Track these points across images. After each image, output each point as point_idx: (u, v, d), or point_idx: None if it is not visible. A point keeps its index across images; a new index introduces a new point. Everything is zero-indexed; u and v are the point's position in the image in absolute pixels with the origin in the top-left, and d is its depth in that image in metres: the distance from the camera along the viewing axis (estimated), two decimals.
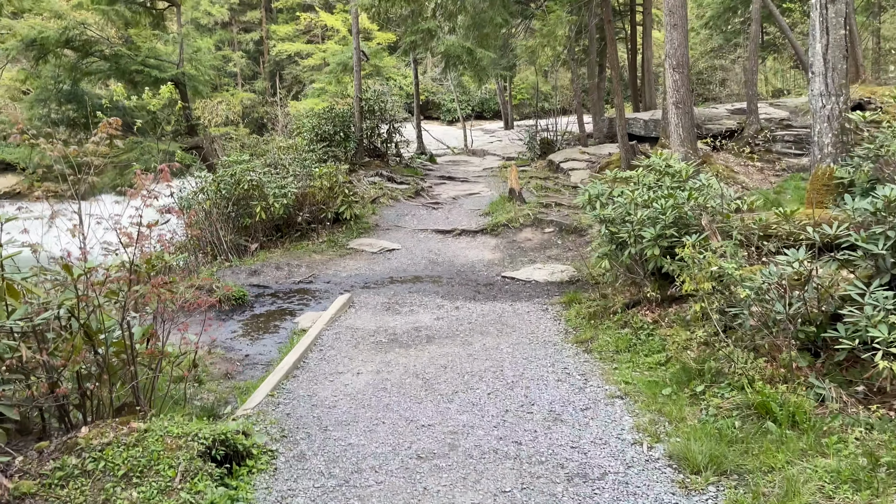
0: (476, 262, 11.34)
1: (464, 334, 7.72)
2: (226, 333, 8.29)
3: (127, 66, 14.33)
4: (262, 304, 9.51)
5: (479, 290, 9.72)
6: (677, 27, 9.21)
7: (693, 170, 8.24)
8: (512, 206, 13.70)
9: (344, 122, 16.97)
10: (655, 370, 6.19)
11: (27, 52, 14.58)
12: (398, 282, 10.32)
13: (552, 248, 11.77)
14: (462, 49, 13.20)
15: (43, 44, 13.53)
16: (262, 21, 46.92)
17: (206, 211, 11.79)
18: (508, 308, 8.72)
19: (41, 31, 13.28)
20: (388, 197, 15.16)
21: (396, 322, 8.24)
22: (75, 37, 13.57)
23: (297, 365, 6.82)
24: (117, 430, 4.08)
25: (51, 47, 13.67)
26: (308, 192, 12.91)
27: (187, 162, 13.07)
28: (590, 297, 8.56)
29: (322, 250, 12.07)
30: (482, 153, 22.89)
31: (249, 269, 10.96)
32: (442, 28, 13.03)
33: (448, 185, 16.90)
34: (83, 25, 13.71)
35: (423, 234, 13.04)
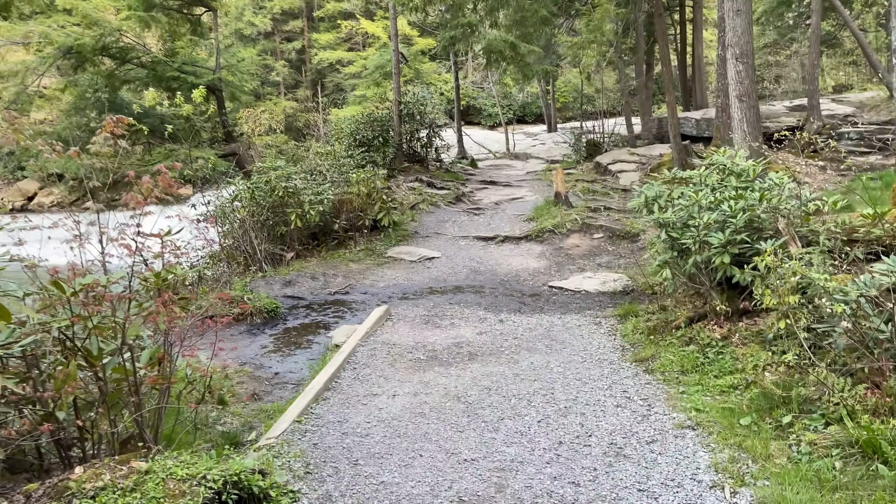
0: (520, 270, 10.67)
1: (509, 351, 7.07)
2: (255, 349, 7.81)
3: (164, 73, 14.13)
4: (295, 316, 9.02)
5: (524, 302, 9.06)
6: (741, 13, 8.42)
7: (762, 168, 7.45)
8: (558, 210, 12.99)
9: (383, 126, 16.51)
10: (729, 395, 5.44)
11: (65, 60, 14.50)
12: (438, 292, 9.72)
13: (602, 256, 11.03)
14: (504, 44, 12.54)
15: (80, 51, 13.41)
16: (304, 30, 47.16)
17: (241, 219, 11.40)
18: (557, 321, 8.03)
19: (77, 38, 13.16)
20: (427, 203, 14.61)
21: (436, 337, 7.64)
22: (111, 44, 13.42)
23: (328, 385, 6.26)
24: (115, 471, 3.56)
25: (88, 55, 13.53)
26: (345, 199, 12.44)
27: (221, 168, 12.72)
28: (647, 309, 7.82)
29: (359, 259, 11.55)
30: (525, 156, 22.20)
31: (284, 279, 10.50)
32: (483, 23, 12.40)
33: (490, 190, 16.27)
34: (119, 32, 13.55)
35: (465, 242, 12.43)
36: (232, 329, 8.44)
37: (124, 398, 4.34)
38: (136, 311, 4.23)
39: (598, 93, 36.58)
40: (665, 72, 14.35)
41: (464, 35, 12.74)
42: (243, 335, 8.30)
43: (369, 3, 45.48)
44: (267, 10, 44.21)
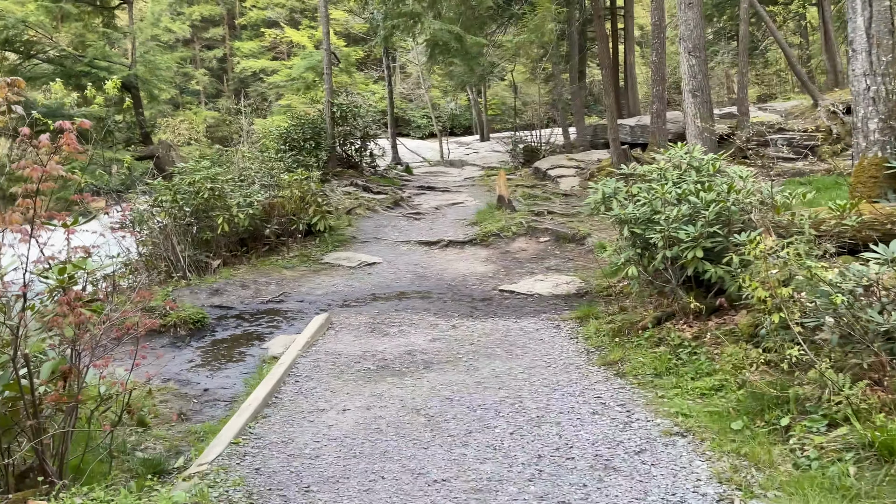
0: (468, 274, 10.15)
1: (467, 358, 6.50)
2: (180, 363, 6.95)
3: (73, 69, 12.95)
4: (225, 327, 8.18)
5: (475, 307, 8.52)
6: (692, 6, 8.22)
7: (720, 161, 7.21)
8: (502, 214, 12.57)
9: (315, 128, 15.73)
10: (711, 397, 5.04)
11: None
12: (382, 299, 9.07)
13: (550, 259, 10.64)
14: (450, 35, 12.03)
15: None
16: (226, 38, 45.63)
17: (162, 224, 10.42)
18: (514, 325, 7.53)
19: None
20: (364, 207, 13.93)
21: (385, 345, 6.99)
22: (15, 37, 12.18)
23: (267, 401, 5.52)
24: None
25: None
26: (277, 202, 11.62)
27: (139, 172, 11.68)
28: (607, 311, 7.43)
29: (294, 266, 10.76)
30: (460, 164, 21.81)
31: (211, 287, 9.60)
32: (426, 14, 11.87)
33: (429, 195, 15.73)
34: (24, 24, 12.31)
35: (406, 247, 11.83)
36: (153, 342, 7.52)
37: (20, 422, 3.53)
38: (34, 315, 3.44)
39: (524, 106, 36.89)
40: (604, 75, 14.23)
41: (406, 25, 12.16)
42: (166, 348, 7.41)
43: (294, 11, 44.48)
44: (186, 17, 42.51)
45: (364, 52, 41.36)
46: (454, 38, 12.12)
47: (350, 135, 16.19)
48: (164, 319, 7.86)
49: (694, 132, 8.61)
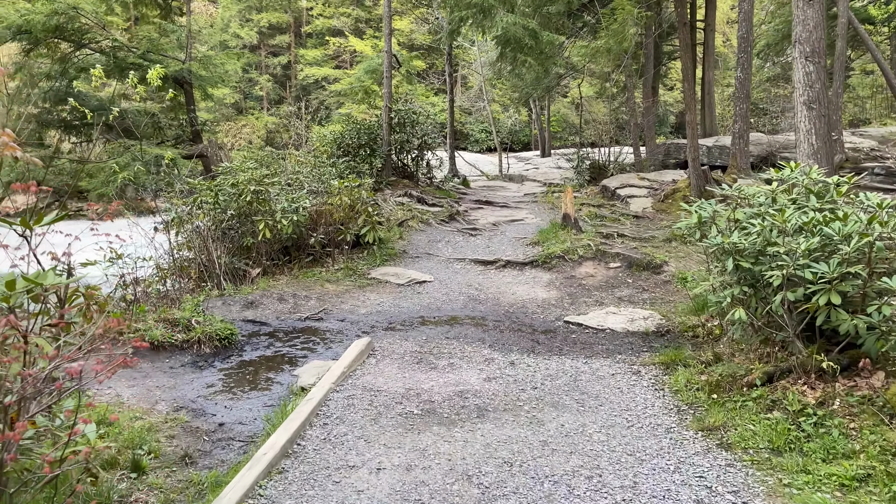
0: (527, 301, 9.05)
1: (529, 406, 5.41)
2: (199, 388, 6.05)
3: (125, 60, 12.47)
4: (255, 346, 7.28)
5: (537, 340, 7.42)
6: (812, 3, 6.98)
7: (847, 186, 5.97)
8: (567, 235, 11.44)
9: (370, 134, 14.92)
10: (855, 491, 3.83)
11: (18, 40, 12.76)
12: (431, 323, 8.06)
13: (622, 288, 9.46)
14: (524, 31, 10.96)
15: (30, 30, 11.72)
16: (291, 45, 46.02)
17: (199, 226, 9.67)
18: (583, 367, 6.40)
19: (24, 14, 11.48)
20: (417, 220, 12.99)
21: (433, 382, 5.95)
22: (65, 24, 11.76)
23: (287, 450, 4.54)
24: None
25: (39, 35, 11.85)
26: (324, 210, 10.77)
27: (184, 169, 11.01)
28: (698, 357, 6.23)
29: (337, 279, 9.86)
30: (520, 179, 20.74)
31: (245, 299, 8.76)
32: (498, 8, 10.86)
33: (486, 210, 14.70)
34: (76, 10, 11.88)
35: (460, 265, 10.80)
36: (172, 359, 6.70)
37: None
38: None
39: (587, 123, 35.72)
40: (686, 88, 12.99)
41: (475, 19, 11.16)
42: (186, 368, 6.55)
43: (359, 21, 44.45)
44: (254, 23, 42.94)
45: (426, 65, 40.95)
46: (528, 34, 11.03)
47: (407, 143, 15.32)
48: (188, 334, 7.04)
49: (807, 151, 7.31)
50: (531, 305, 8.85)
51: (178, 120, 14.41)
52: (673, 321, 7.69)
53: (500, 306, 8.84)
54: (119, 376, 6.21)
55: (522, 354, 6.84)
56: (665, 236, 11.54)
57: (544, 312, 8.55)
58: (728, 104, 28.00)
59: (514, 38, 11.03)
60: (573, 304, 8.89)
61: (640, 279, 9.75)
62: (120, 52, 12.60)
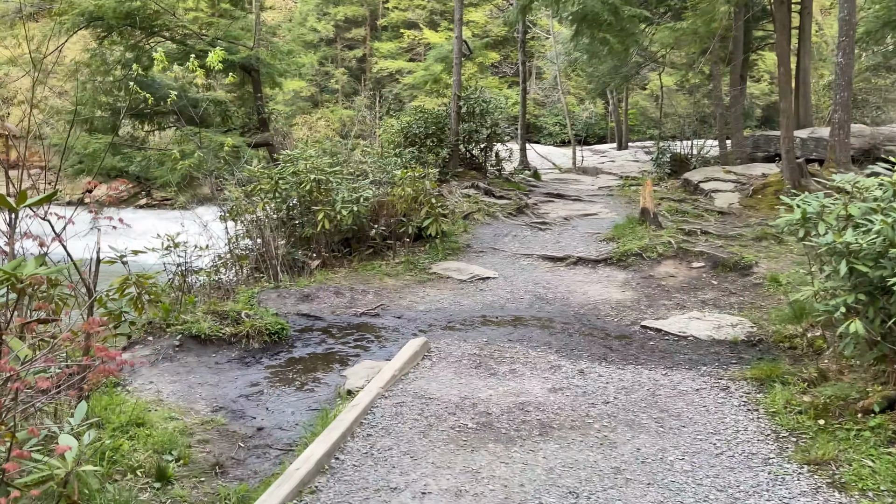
0: (600, 302, 8.34)
1: (600, 424, 4.76)
2: (242, 386, 5.68)
3: (195, 48, 12.40)
4: (306, 342, 6.88)
5: (610, 346, 6.72)
6: None
7: None
8: (645, 231, 10.61)
9: (438, 123, 14.42)
10: None
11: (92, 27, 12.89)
12: (494, 323, 7.47)
13: (706, 290, 8.61)
14: (603, 6, 10.17)
15: (102, 17, 11.78)
16: (367, 38, 46.24)
17: (258, 216, 9.39)
18: (663, 380, 5.68)
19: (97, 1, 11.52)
20: (484, 213, 12.40)
21: (491, 391, 5.37)
22: (136, 10, 11.76)
23: (323, 465, 4.06)
24: None
25: (111, 21, 11.90)
26: (387, 201, 10.33)
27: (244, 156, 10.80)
28: (798, 373, 5.41)
29: (397, 273, 9.39)
30: (594, 171, 19.84)
31: (301, 292, 8.40)
32: None
33: (557, 204, 13.97)
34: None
35: (527, 261, 10.16)
36: (219, 354, 6.36)
37: None
38: None
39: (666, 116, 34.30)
40: (781, 74, 11.89)
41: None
42: (232, 364, 6.20)
43: (434, 13, 44.14)
44: (330, 17, 43.30)
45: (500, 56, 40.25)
46: (608, 9, 10.21)
47: (475, 132, 14.74)
48: (237, 328, 6.69)
49: None
50: (604, 307, 8.14)
51: (245, 108, 14.34)
52: (766, 329, 6.85)
53: (570, 307, 8.16)
54: (163, 371, 5.92)
55: (593, 362, 6.18)
56: (755, 234, 10.55)
57: (619, 315, 7.83)
58: (823, 94, 26.11)
59: (592, 14, 10.21)
60: (651, 306, 8.12)
61: (727, 281, 8.86)
62: (189, 40, 12.56)
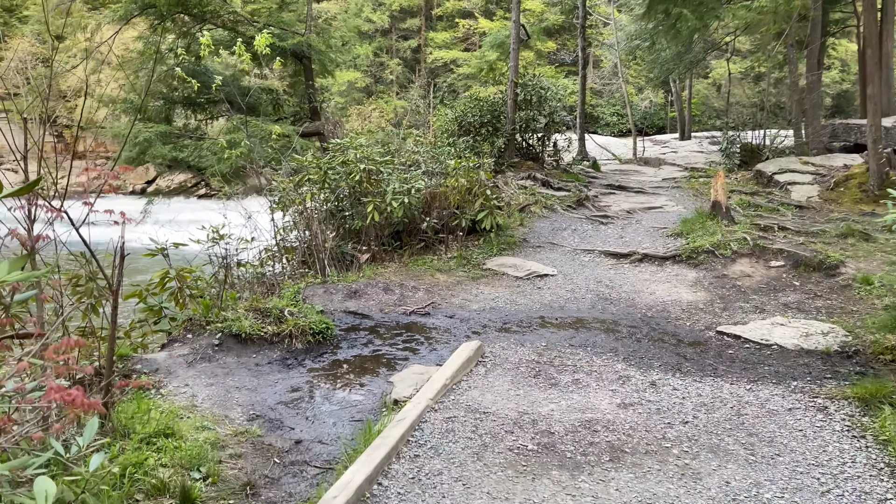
0: (669, 303, 7.66)
1: (679, 449, 4.16)
2: (281, 391, 5.27)
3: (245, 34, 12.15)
4: (352, 342, 6.45)
5: (684, 354, 6.08)
6: None
7: None
8: (716, 226, 9.83)
9: (493, 112, 13.84)
10: None
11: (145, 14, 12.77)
12: (553, 325, 6.90)
13: (787, 291, 7.83)
14: None
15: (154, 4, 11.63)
16: (421, 28, 45.97)
17: (305, 208, 9.02)
18: (748, 395, 5.03)
19: None
20: (541, 205, 11.79)
21: (552, 405, 4.83)
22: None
23: (364, 492, 3.59)
24: None
25: (163, 8, 11.74)
26: (439, 192, 9.84)
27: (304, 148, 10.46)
28: None
29: (449, 269, 8.90)
30: (657, 162, 18.92)
31: (349, 287, 7.98)
32: None
33: (619, 196, 13.23)
34: None
35: (588, 257, 9.53)
36: (260, 355, 5.99)
37: None
38: None
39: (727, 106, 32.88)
40: (869, 56, 10.87)
41: None
42: (273, 366, 5.81)
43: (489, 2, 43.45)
44: (386, 7, 43.12)
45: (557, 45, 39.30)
46: None
47: (532, 121, 14.09)
48: (279, 327, 6.31)
49: None
50: (674, 309, 7.47)
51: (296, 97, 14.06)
52: (862, 339, 6.09)
53: (636, 308, 7.52)
54: (200, 372, 5.57)
55: (666, 373, 5.55)
56: (839, 231, 9.66)
57: (691, 319, 7.15)
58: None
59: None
60: (726, 309, 7.41)
61: (810, 282, 8.06)
62: (240, 26, 12.32)
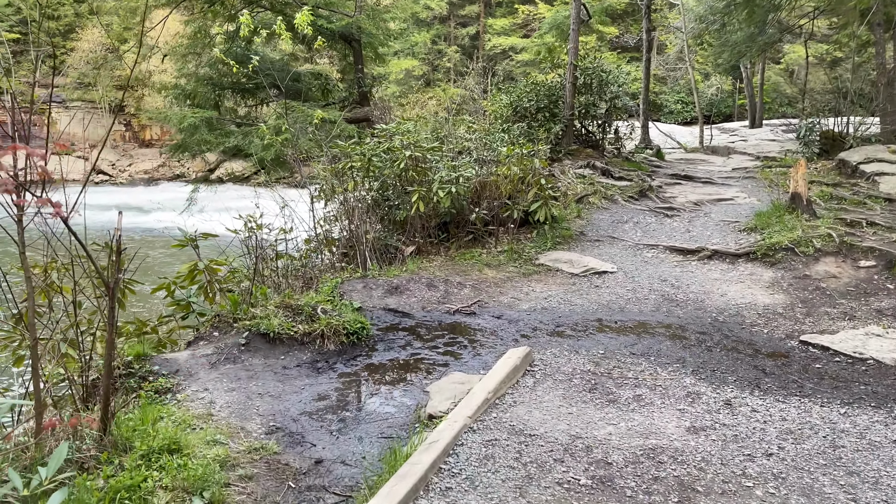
0: (743, 306, 6.87)
1: (763, 490, 3.48)
2: (307, 399, 4.78)
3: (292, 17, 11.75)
4: (389, 344, 5.93)
5: (762, 367, 5.32)
6: None
7: None
8: (796, 220, 8.91)
9: (551, 96, 13.09)
10: None
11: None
12: (611, 330, 6.22)
13: (880, 296, 6.93)
14: None
15: None
16: (480, 15, 45.33)
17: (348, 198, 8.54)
18: (842, 421, 4.28)
19: None
20: (600, 196, 11.02)
21: (610, 427, 4.18)
22: None
23: None
24: None
25: None
26: (490, 181, 9.21)
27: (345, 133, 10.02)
28: None
29: (499, 263, 8.28)
30: (725, 151, 17.79)
31: (390, 283, 7.46)
32: None
33: (685, 187, 12.34)
34: None
35: (652, 253, 8.76)
36: (288, 357, 5.52)
37: None
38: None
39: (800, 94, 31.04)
40: None
41: None
42: (301, 370, 5.33)
43: None
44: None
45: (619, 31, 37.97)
46: None
47: (593, 106, 13.28)
48: (311, 326, 5.82)
49: None
50: (749, 313, 6.68)
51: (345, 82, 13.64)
52: None
53: (706, 312, 6.76)
54: (223, 375, 5.14)
55: (743, 390, 4.83)
56: None
57: (769, 325, 6.36)
58: None
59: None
60: (809, 315, 6.58)
61: None
62: (288, 9, 11.94)
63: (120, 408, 4.33)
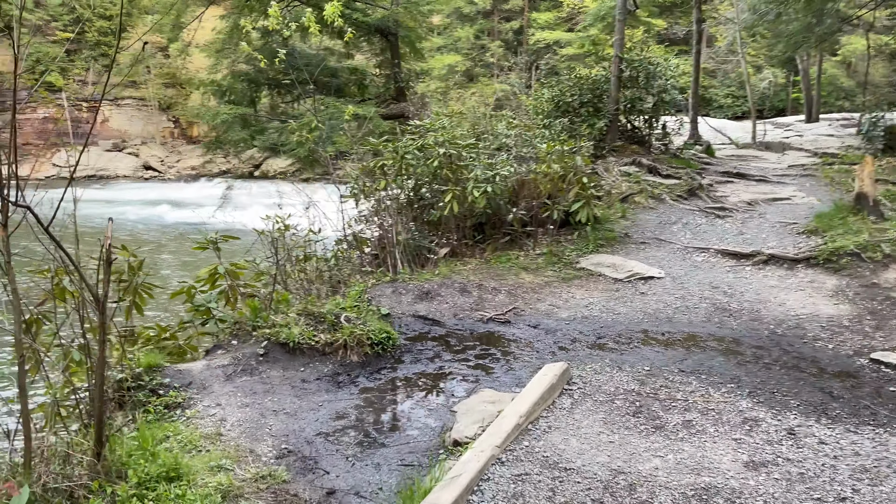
0: (804, 318, 6.28)
1: None
2: (325, 418, 4.43)
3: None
4: (416, 355, 5.55)
5: (829, 390, 4.77)
6: None
7: None
8: (861, 223, 8.22)
9: (595, 90, 12.52)
10: None
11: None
12: (659, 342, 5.72)
13: None
14: None
15: None
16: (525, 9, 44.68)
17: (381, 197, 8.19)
18: None
19: None
20: (646, 195, 10.44)
21: (657, 460, 3.72)
22: None
23: None
24: None
25: None
26: (529, 180, 8.74)
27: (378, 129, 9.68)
28: None
29: (537, 267, 7.82)
30: (780, 147, 16.91)
31: (421, 287, 7.08)
32: None
33: (738, 185, 11.65)
34: None
35: (702, 257, 8.19)
36: (308, 369, 5.19)
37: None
38: None
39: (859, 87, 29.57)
40: None
41: None
42: (321, 384, 4.99)
43: None
44: None
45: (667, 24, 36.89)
46: None
47: (639, 100, 12.66)
48: (333, 335, 5.47)
49: None
50: (811, 326, 6.09)
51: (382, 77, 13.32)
52: None
53: (762, 323, 6.20)
54: (238, 388, 4.82)
55: (808, 416, 4.30)
56: None
57: (834, 340, 5.78)
58: None
59: None
60: (879, 329, 5.96)
61: None
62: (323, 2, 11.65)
63: (124, 425, 4.06)
